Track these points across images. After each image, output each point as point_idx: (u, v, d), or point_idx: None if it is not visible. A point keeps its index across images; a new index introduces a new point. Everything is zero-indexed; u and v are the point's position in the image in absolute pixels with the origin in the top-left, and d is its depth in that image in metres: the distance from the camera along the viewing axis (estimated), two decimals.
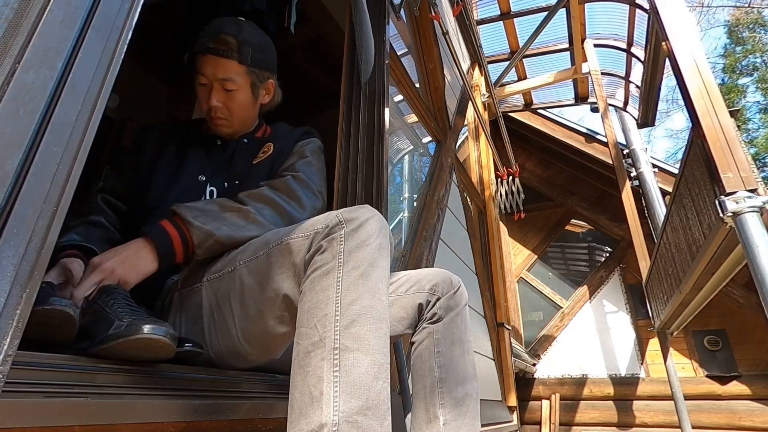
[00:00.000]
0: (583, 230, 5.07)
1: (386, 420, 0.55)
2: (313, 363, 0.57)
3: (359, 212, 0.67)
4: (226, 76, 0.98)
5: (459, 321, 0.91)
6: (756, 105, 11.30)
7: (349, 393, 0.54)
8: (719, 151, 1.60)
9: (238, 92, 1.02)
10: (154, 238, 0.78)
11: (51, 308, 0.54)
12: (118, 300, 0.65)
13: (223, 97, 1.00)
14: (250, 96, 1.05)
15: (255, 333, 0.75)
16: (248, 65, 1.01)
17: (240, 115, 1.05)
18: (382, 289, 0.64)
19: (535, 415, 4.31)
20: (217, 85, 0.99)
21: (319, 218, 0.69)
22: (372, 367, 0.56)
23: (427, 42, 2.64)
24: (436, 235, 2.18)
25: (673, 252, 2.37)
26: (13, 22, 0.41)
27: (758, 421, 3.54)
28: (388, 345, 0.61)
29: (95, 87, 0.47)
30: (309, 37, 2.67)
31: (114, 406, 0.54)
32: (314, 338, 0.58)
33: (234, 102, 1.02)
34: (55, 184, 0.42)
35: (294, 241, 0.69)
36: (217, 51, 0.98)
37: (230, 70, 0.99)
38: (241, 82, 1.01)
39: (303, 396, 0.56)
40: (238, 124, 1.07)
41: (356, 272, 0.62)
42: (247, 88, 1.03)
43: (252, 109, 1.09)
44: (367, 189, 1.43)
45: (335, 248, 0.63)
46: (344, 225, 0.65)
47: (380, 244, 0.66)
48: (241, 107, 1.04)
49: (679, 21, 1.98)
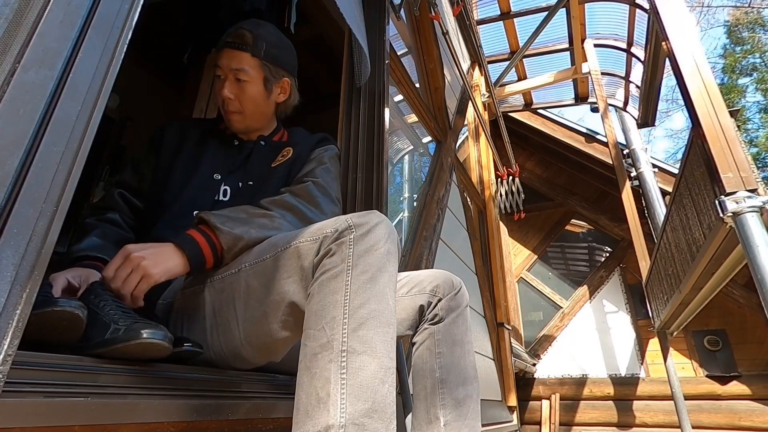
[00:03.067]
0: (583, 230, 5.07)
1: (392, 423, 0.56)
2: (321, 365, 0.57)
3: (368, 217, 0.68)
4: (239, 66, 1.01)
5: (460, 322, 0.91)
6: (756, 105, 11.31)
7: (356, 396, 0.54)
8: (719, 151, 1.60)
9: (250, 84, 1.03)
10: (183, 245, 0.78)
11: (61, 309, 0.54)
12: (107, 301, 0.65)
13: (236, 89, 1.03)
14: (263, 90, 1.06)
15: (258, 336, 0.75)
16: (261, 58, 1.04)
17: (251, 108, 1.06)
18: (390, 294, 0.64)
19: (535, 415, 4.31)
20: (231, 77, 1.02)
21: (327, 222, 0.69)
22: (379, 370, 0.57)
23: (427, 42, 2.64)
24: (436, 235, 2.18)
25: (673, 252, 2.37)
26: (13, 22, 0.41)
27: (758, 421, 3.54)
28: (395, 349, 0.62)
29: (95, 87, 0.47)
30: (309, 37, 2.66)
31: (114, 406, 0.54)
32: (322, 340, 0.59)
33: (246, 94, 1.04)
34: (55, 184, 0.42)
35: (303, 245, 0.69)
36: (233, 44, 1.02)
37: (243, 62, 1.02)
38: (253, 74, 1.03)
39: (309, 397, 0.56)
40: (251, 119, 1.08)
41: (364, 276, 0.62)
42: (259, 81, 1.05)
43: (265, 105, 1.09)
44: (367, 189, 1.43)
45: (344, 252, 0.64)
46: (354, 230, 0.66)
47: (388, 249, 0.67)
48: (253, 100, 1.05)
49: (679, 21, 1.98)
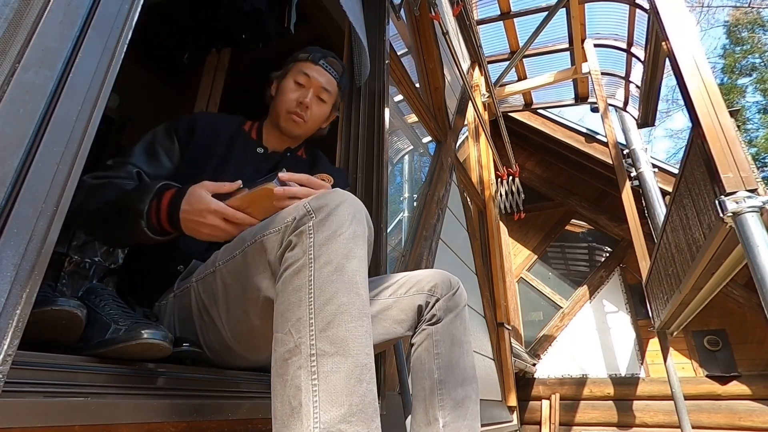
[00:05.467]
0: (583, 230, 5.07)
1: (374, 422, 0.53)
2: (291, 371, 0.54)
3: (328, 198, 0.62)
4: (329, 87, 1.13)
5: (458, 322, 0.90)
6: (756, 105, 11.30)
7: (330, 402, 0.51)
8: (719, 151, 1.60)
9: (325, 106, 1.14)
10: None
11: (59, 309, 0.54)
12: (108, 301, 0.65)
13: (314, 103, 1.12)
14: (327, 114, 1.17)
15: (243, 334, 0.74)
16: (340, 90, 1.18)
17: (314, 124, 1.14)
18: (360, 282, 0.59)
19: (535, 415, 4.31)
20: (315, 92, 1.11)
21: (289, 209, 0.65)
22: (354, 369, 0.53)
23: (427, 42, 2.64)
24: (436, 235, 2.18)
25: (673, 252, 2.37)
26: (13, 22, 0.41)
27: (758, 421, 3.54)
28: (371, 343, 0.57)
29: (95, 87, 0.47)
30: (309, 37, 2.66)
31: (114, 406, 0.54)
32: (290, 345, 0.55)
33: (318, 111, 1.13)
34: (55, 184, 0.42)
35: (267, 238, 0.65)
36: (329, 68, 1.14)
37: (332, 85, 1.14)
38: (331, 100, 1.15)
39: (284, 407, 0.53)
40: (307, 132, 1.15)
41: (329, 267, 0.57)
42: (330, 107, 1.16)
43: (318, 126, 1.17)
44: (367, 189, 1.43)
45: (305, 243, 0.59)
46: (312, 215, 0.60)
47: (354, 232, 0.61)
48: (319, 118, 1.15)
49: (679, 21, 1.98)
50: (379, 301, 0.90)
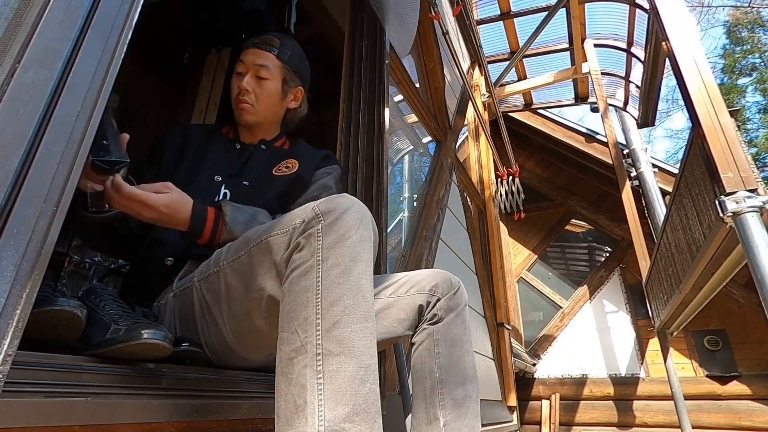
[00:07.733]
0: (583, 230, 5.07)
1: (376, 423, 0.53)
2: (296, 370, 0.55)
3: (337, 202, 0.63)
4: (263, 63, 1.07)
5: (459, 322, 0.90)
6: (756, 105, 11.30)
7: (335, 400, 0.52)
8: (719, 151, 1.60)
9: (269, 82, 1.08)
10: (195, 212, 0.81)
11: (59, 309, 0.54)
12: (108, 301, 0.65)
13: (254, 84, 1.07)
14: (280, 90, 1.11)
15: (245, 333, 0.74)
16: (284, 62, 1.10)
17: (265, 104, 1.09)
18: (366, 286, 0.60)
19: (535, 415, 4.31)
20: (252, 72, 1.07)
21: (297, 212, 0.66)
22: (358, 370, 0.54)
23: (427, 42, 2.64)
24: (436, 235, 2.18)
25: (673, 252, 2.37)
26: (13, 22, 0.41)
27: (758, 421, 3.54)
28: (375, 344, 0.58)
29: (95, 87, 0.47)
30: (309, 37, 2.66)
31: (114, 406, 0.54)
32: (296, 344, 0.56)
33: (263, 90, 1.08)
34: (55, 184, 0.42)
35: (273, 239, 0.66)
36: (261, 45, 1.09)
37: (267, 60, 1.08)
38: (274, 73, 1.09)
39: (288, 405, 0.54)
40: (262, 116, 1.10)
41: (336, 270, 0.59)
42: (278, 81, 1.10)
43: (277, 105, 1.12)
44: (367, 189, 1.43)
45: (313, 245, 0.60)
46: (321, 218, 0.62)
47: (361, 236, 0.62)
48: (268, 97, 1.09)
49: (679, 21, 1.98)
50: (379, 300, 0.90)
